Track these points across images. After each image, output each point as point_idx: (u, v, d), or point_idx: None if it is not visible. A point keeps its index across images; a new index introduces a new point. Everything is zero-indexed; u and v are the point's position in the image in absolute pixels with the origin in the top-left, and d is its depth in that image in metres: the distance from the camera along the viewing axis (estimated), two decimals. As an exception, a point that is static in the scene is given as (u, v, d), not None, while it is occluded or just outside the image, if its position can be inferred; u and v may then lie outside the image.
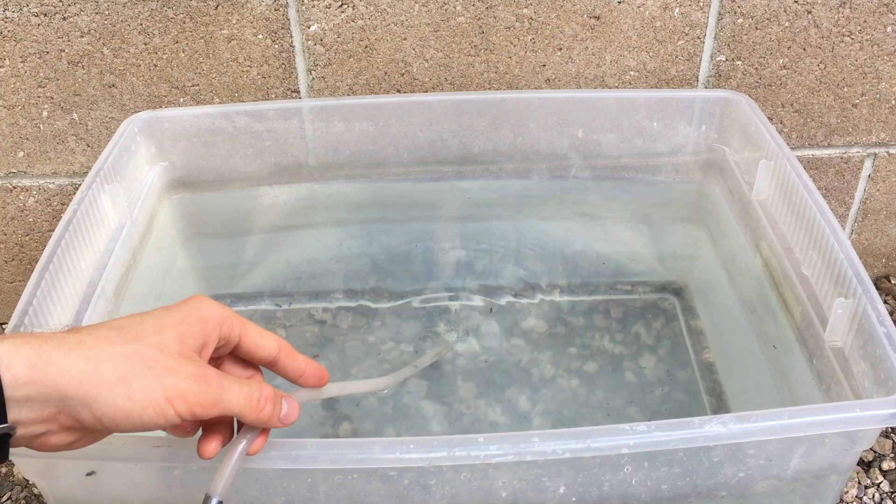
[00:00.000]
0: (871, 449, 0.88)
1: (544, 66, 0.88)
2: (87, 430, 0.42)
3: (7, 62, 0.85)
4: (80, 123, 0.89)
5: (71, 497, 0.58)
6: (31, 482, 0.87)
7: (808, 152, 0.96)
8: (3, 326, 1.04)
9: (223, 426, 0.48)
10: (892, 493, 0.84)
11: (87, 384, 0.40)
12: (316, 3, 0.83)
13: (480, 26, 0.85)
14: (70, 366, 0.40)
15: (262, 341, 0.49)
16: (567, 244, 0.95)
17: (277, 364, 0.50)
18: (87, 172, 0.85)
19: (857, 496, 0.84)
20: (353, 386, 0.70)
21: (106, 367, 0.40)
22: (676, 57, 0.88)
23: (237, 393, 0.44)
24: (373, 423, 0.81)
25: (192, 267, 0.92)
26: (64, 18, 0.83)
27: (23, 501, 0.85)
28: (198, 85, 0.87)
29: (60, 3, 0.82)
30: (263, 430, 0.48)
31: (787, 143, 0.80)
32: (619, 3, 0.85)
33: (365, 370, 0.86)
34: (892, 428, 0.90)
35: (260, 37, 0.85)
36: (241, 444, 0.47)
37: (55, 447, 0.43)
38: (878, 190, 0.99)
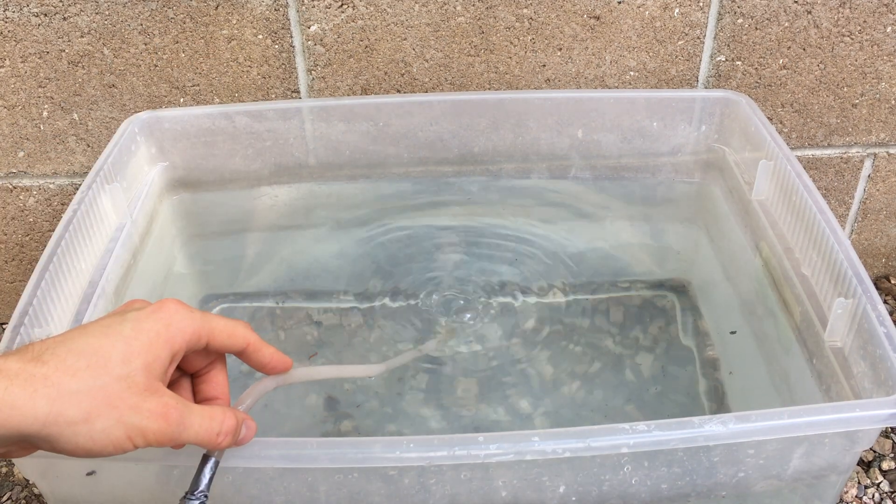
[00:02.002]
0: (870, 449, 0.88)
1: (544, 66, 0.88)
2: None
3: (7, 62, 0.85)
4: (81, 123, 0.89)
5: (71, 497, 0.58)
6: (31, 482, 0.87)
7: (808, 152, 0.96)
8: (4, 326, 1.04)
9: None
10: (892, 492, 0.84)
11: (49, 426, 0.40)
12: (316, 3, 0.83)
13: (480, 26, 0.86)
14: (34, 409, 0.40)
15: (230, 342, 0.49)
16: (567, 244, 0.95)
17: (243, 356, 0.51)
18: (87, 172, 0.85)
19: (856, 496, 0.84)
20: (349, 370, 0.70)
21: (70, 409, 0.41)
22: (676, 57, 0.88)
23: (196, 429, 0.45)
24: (373, 423, 0.81)
25: (192, 267, 0.92)
26: (64, 18, 0.83)
27: (23, 501, 0.85)
28: (198, 85, 0.87)
29: (60, 3, 0.82)
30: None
31: (787, 143, 0.80)
32: (619, 3, 0.85)
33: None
34: (891, 428, 0.90)
35: (260, 37, 0.85)
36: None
37: (17, 457, 0.44)
38: (878, 190, 0.99)
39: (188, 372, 0.51)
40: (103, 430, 0.42)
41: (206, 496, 0.47)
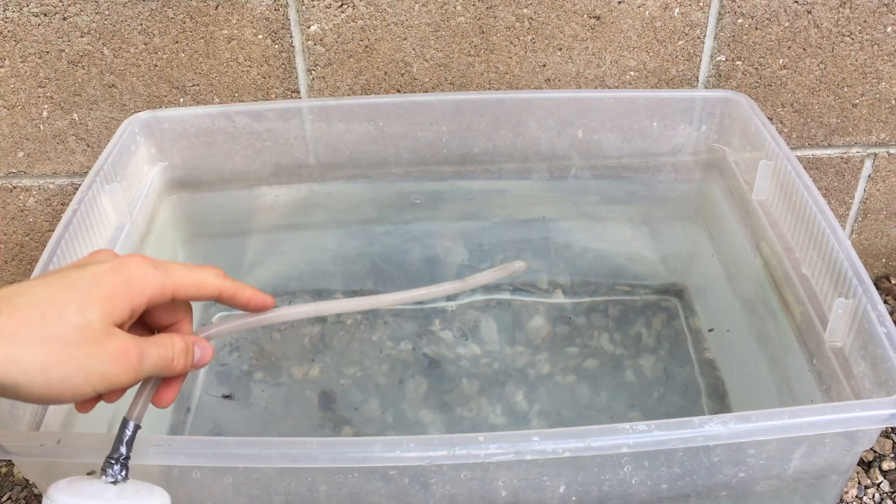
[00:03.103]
0: (871, 449, 0.88)
1: (544, 66, 0.88)
2: None
3: (7, 62, 0.85)
4: (80, 123, 0.89)
5: (71, 497, 0.58)
6: (31, 482, 0.87)
7: (808, 152, 0.96)
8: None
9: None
10: (892, 493, 0.84)
11: (10, 373, 0.41)
12: (316, 3, 0.83)
13: (480, 26, 0.85)
14: None
15: (200, 292, 0.49)
16: (567, 244, 0.95)
17: (221, 301, 0.51)
18: (87, 172, 0.85)
19: (857, 496, 0.84)
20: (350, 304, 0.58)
21: (24, 357, 0.41)
22: (676, 57, 0.88)
23: (155, 359, 0.46)
24: (374, 426, 0.81)
25: (192, 267, 0.92)
26: (64, 18, 0.83)
27: (23, 501, 0.85)
28: (198, 85, 0.87)
29: (60, 3, 0.82)
30: None
31: (787, 143, 0.80)
32: (619, 3, 0.85)
33: (364, 370, 0.86)
34: (892, 428, 0.90)
35: (260, 37, 0.85)
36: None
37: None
38: (878, 190, 0.99)
39: (153, 328, 0.51)
40: (62, 378, 0.42)
41: (126, 458, 0.47)
